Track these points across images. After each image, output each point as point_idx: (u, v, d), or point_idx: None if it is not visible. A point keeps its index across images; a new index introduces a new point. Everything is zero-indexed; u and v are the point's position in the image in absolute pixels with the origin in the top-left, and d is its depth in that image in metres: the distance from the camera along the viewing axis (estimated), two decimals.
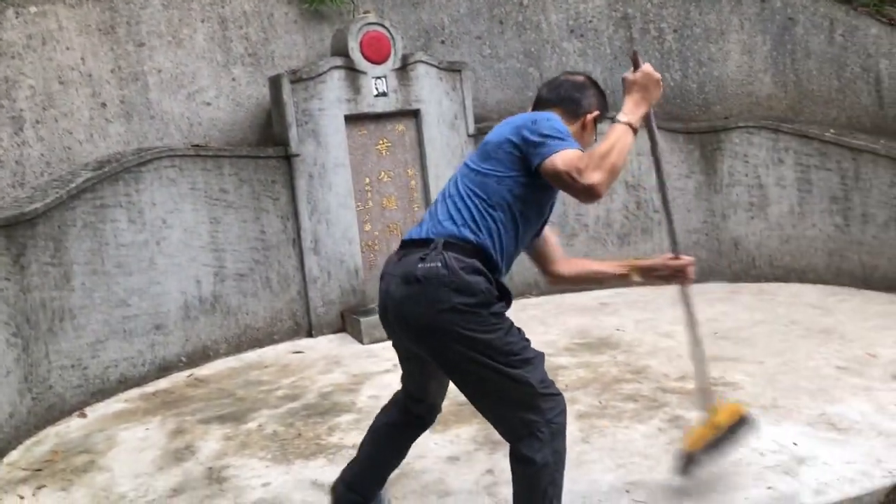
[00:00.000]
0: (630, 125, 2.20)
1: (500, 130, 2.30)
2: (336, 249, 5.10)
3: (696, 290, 5.84)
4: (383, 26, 5.15)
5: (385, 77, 5.18)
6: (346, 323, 5.09)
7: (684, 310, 2.73)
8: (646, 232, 5.79)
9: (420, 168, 5.37)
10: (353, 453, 3.18)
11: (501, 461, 3.00)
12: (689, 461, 2.61)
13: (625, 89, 2.28)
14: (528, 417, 2.15)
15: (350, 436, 3.40)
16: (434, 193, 5.32)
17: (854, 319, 4.40)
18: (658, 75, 2.29)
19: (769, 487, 2.62)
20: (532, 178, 2.21)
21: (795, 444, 2.93)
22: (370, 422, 3.50)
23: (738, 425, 2.69)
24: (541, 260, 2.64)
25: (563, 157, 2.12)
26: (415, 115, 5.32)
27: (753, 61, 5.66)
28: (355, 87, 5.12)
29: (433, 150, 5.33)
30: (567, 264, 2.67)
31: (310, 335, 5.09)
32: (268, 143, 5.27)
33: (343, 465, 2.65)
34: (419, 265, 2.16)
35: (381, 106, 5.20)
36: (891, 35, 5.10)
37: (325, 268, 5.09)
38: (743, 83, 5.71)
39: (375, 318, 4.83)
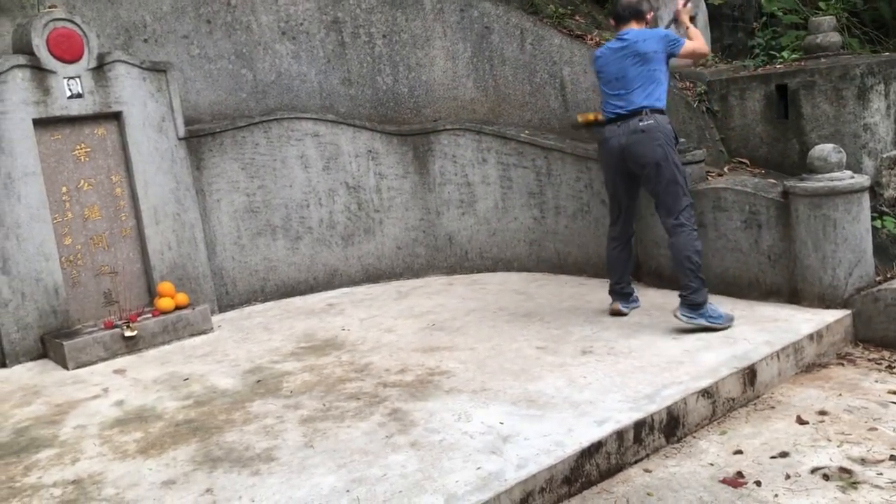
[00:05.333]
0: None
1: (648, 46, 4.13)
2: (31, 267, 4.60)
3: (416, 284, 6.12)
4: (73, 22, 4.73)
5: (79, 77, 4.77)
6: (48, 348, 4.61)
7: None
8: (368, 232, 5.93)
9: (126, 174, 5.01)
10: (55, 492, 2.92)
11: (221, 478, 2.92)
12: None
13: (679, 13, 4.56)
14: (685, 200, 4.13)
15: (51, 473, 3.09)
16: (143, 199, 5.00)
17: (551, 302, 4.87)
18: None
19: (478, 468, 2.81)
20: (667, 64, 4.21)
21: (501, 423, 3.18)
22: (75, 455, 3.26)
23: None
24: None
25: (693, 43, 4.28)
26: (117, 117, 4.96)
27: (457, 67, 6.02)
28: (44, 89, 4.65)
29: (139, 154, 5.00)
30: None
31: (3, 365, 4.54)
32: None
33: None
34: (640, 123, 4.10)
35: (77, 108, 4.78)
36: (571, 45, 5.70)
37: (17, 289, 4.57)
38: (449, 87, 6.05)
39: (81, 340, 4.48)
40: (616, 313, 4.46)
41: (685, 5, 4.58)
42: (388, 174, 5.94)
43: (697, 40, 4.33)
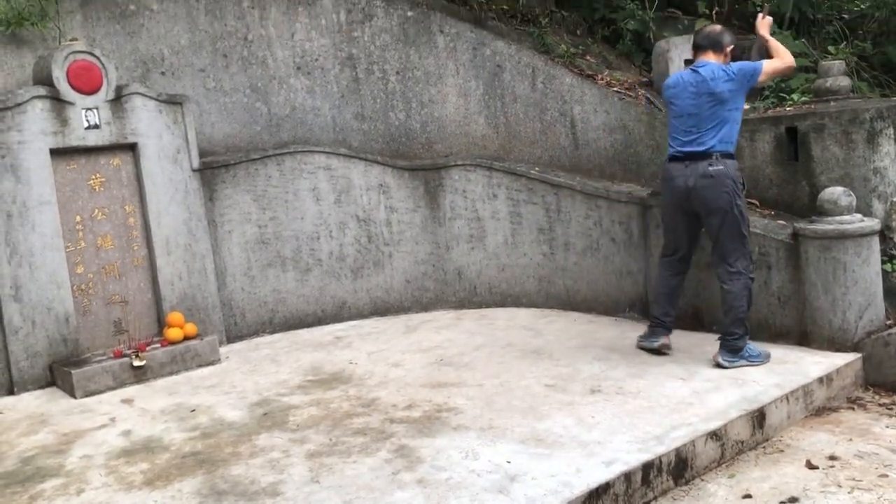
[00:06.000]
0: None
1: (723, 86, 4.09)
2: (42, 295, 4.63)
3: (424, 318, 6.10)
4: (93, 55, 4.82)
5: (97, 108, 4.84)
6: (57, 376, 4.62)
7: None
8: (377, 265, 5.95)
9: (140, 204, 5.06)
10: None
11: None
12: None
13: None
14: (744, 249, 4.13)
15: None
16: (155, 230, 5.04)
17: (560, 339, 4.86)
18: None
19: None
20: (742, 101, 4.19)
21: (509, 462, 3.16)
22: (80, 485, 3.26)
23: None
24: None
25: (774, 63, 4.23)
26: (132, 148, 5.02)
27: (469, 104, 6.09)
28: (62, 119, 4.73)
29: (154, 185, 5.06)
30: None
31: (11, 392, 4.55)
32: None
33: None
34: (709, 167, 4.07)
35: (94, 139, 4.84)
36: (581, 84, 5.76)
37: (28, 316, 4.59)
38: (461, 124, 6.11)
39: (90, 368, 4.48)
40: (665, 348, 4.34)
41: (763, 18, 4.40)
42: (399, 208, 5.98)
43: (779, 57, 4.21)
